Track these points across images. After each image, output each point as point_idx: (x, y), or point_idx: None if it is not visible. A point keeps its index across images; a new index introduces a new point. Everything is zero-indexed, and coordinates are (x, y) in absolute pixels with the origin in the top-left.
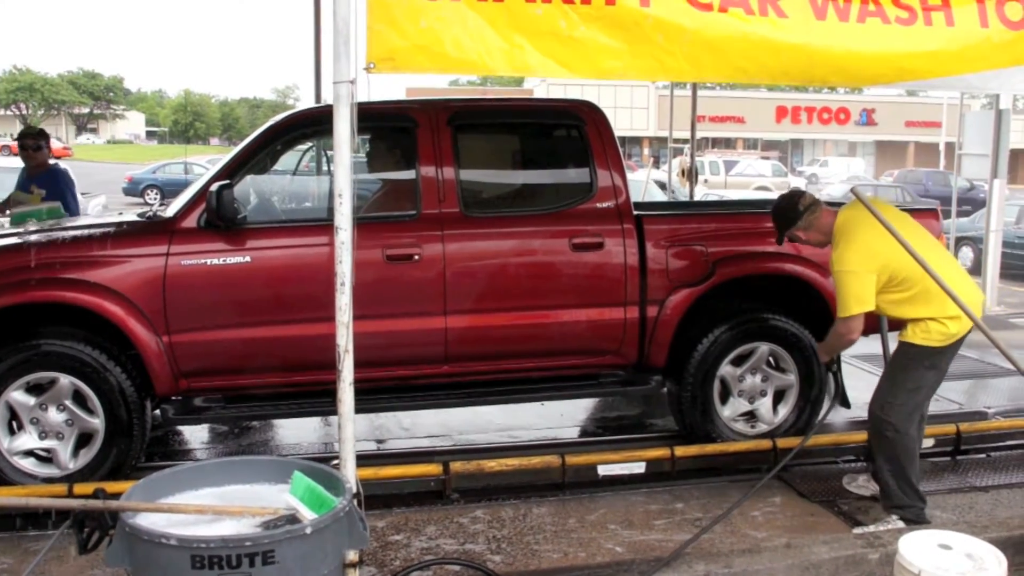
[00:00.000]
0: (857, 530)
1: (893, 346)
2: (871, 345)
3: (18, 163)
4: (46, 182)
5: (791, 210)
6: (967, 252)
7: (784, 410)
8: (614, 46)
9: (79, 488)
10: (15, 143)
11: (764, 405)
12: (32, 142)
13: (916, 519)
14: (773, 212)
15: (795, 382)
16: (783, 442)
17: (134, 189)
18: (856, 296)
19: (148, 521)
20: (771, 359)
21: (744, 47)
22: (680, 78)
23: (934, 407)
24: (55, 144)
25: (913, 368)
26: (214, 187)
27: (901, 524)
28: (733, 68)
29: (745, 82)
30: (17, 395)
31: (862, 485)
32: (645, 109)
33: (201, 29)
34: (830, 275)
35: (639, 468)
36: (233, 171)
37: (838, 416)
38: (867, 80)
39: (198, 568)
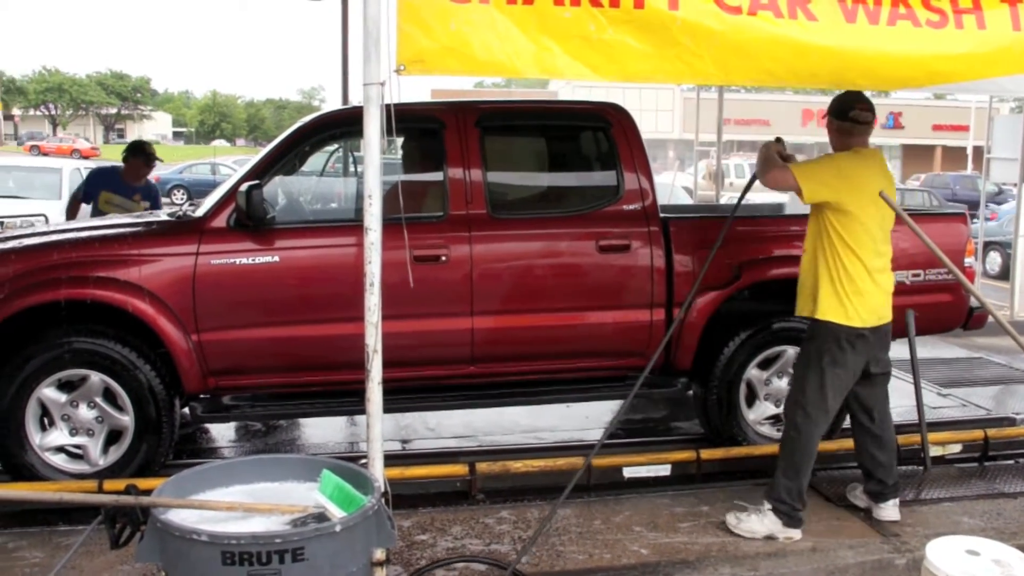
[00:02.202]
0: (731, 519)
1: (922, 352)
2: (894, 349)
3: (48, 163)
4: (147, 194)
5: (848, 107)
6: (995, 257)
7: None
8: (642, 49)
9: (109, 484)
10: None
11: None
12: (152, 158)
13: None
14: (838, 96)
15: None
16: None
17: (161, 189)
18: (808, 170)
19: (179, 517)
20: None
21: (773, 50)
22: (708, 81)
23: (962, 412)
24: (83, 144)
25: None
26: (244, 187)
27: (771, 514)
28: (761, 71)
29: (773, 85)
30: (49, 392)
31: (859, 496)
32: (670, 112)
33: (228, 30)
34: None
35: (664, 470)
36: (262, 171)
37: None
38: (897, 83)
39: (228, 564)
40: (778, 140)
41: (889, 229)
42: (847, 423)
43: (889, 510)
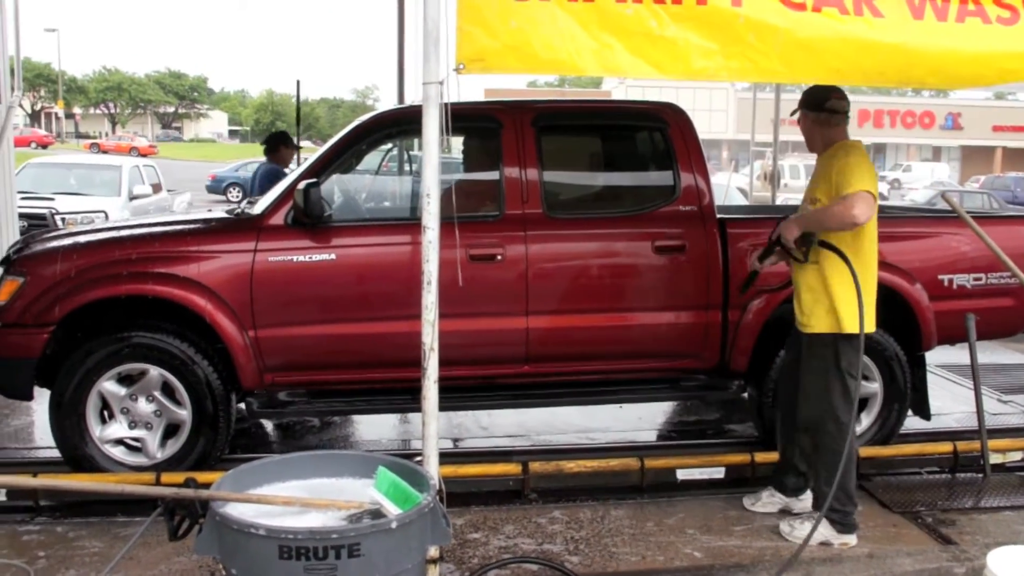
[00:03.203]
0: (784, 527)
1: (983, 358)
2: (954, 354)
3: (108, 160)
4: None
5: (822, 98)
6: None
7: (867, 419)
8: (706, 46)
9: (166, 477)
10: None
11: None
12: (284, 147)
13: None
14: (808, 88)
15: (879, 391)
16: (865, 451)
17: (217, 187)
18: (867, 178)
19: (236, 511)
20: None
21: (839, 47)
22: (773, 79)
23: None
24: (140, 142)
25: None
26: (301, 185)
27: (825, 522)
28: (827, 69)
29: (839, 83)
30: (109, 385)
31: (768, 502)
32: (724, 112)
33: (283, 30)
34: (917, 282)
35: (718, 473)
36: (320, 169)
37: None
38: (966, 82)
39: (285, 559)
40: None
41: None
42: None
43: (807, 500)
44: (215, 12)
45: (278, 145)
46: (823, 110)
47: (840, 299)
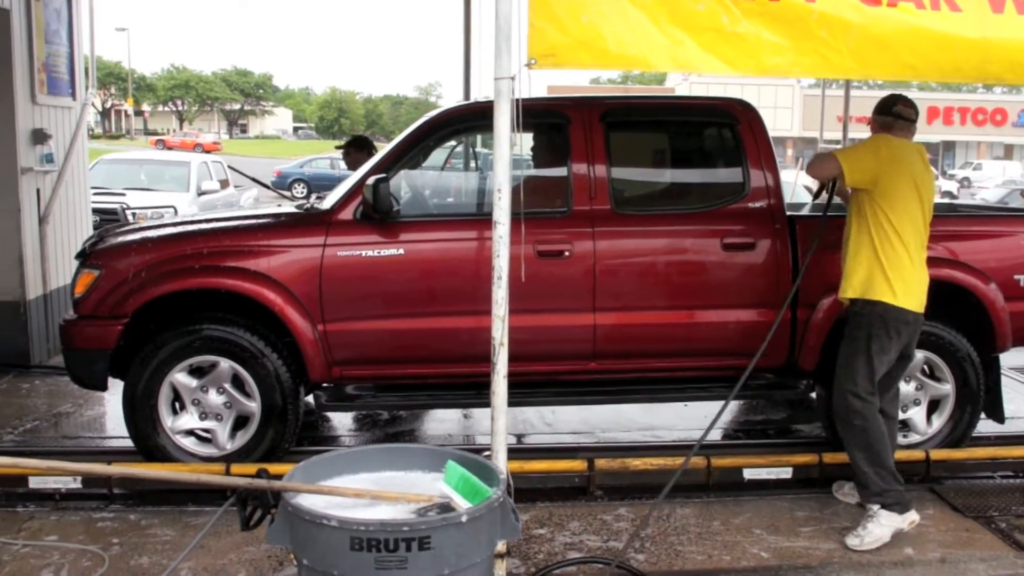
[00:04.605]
0: (852, 541)
1: None
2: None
3: (178, 157)
4: None
5: (890, 103)
6: None
7: (939, 421)
8: (778, 42)
9: (236, 468)
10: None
11: (918, 414)
12: (355, 150)
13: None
14: (886, 96)
15: (951, 392)
16: (936, 454)
17: (282, 183)
18: (849, 153)
19: (308, 502)
20: (926, 367)
21: (914, 42)
22: (846, 75)
23: None
24: (207, 138)
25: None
26: (371, 180)
27: (883, 512)
28: (901, 65)
29: (913, 79)
30: (181, 377)
31: (848, 493)
32: (789, 109)
33: (347, 28)
34: (992, 282)
35: (786, 473)
36: (389, 165)
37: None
38: None
39: (356, 550)
40: None
41: (929, 221)
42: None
43: None
44: (281, 10)
45: (350, 148)
46: (888, 114)
47: (868, 267)
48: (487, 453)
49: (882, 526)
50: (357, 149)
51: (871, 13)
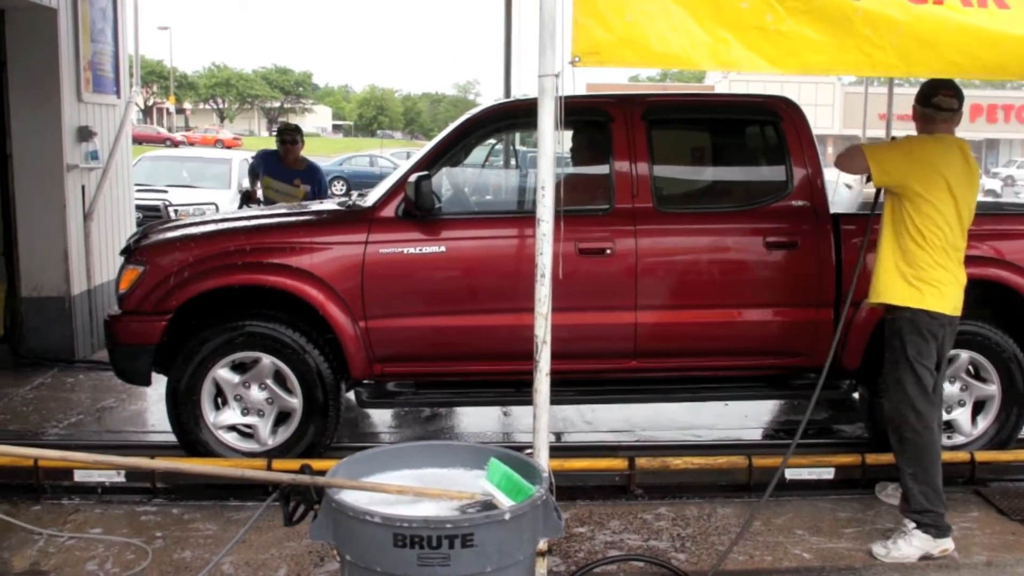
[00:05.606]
0: (878, 550)
1: None
2: None
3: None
4: (308, 178)
5: (931, 93)
6: None
7: (984, 422)
8: (820, 40)
9: (277, 463)
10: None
11: (963, 415)
12: (289, 137)
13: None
14: (928, 81)
15: (997, 393)
16: (981, 455)
17: None
18: (879, 151)
19: (351, 498)
20: (971, 368)
21: (959, 40)
22: (889, 73)
23: None
24: (225, 135)
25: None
26: (413, 178)
27: (917, 532)
28: (946, 62)
29: (958, 77)
30: (223, 372)
31: (891, 494)
32: (830, 107)
33: (386, 26)
34: None
35: (828, 474)
36: (431, 162)
37: None
38: None
39: (399, 547)
40: None
41: (968, 223)
42: None
43: None
44: (321, 8)
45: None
46: (929, 105)
47: (893, 271)
48: (529, 451)
49: (912, 546)
50: (280, 140)
51: (916, 11)
